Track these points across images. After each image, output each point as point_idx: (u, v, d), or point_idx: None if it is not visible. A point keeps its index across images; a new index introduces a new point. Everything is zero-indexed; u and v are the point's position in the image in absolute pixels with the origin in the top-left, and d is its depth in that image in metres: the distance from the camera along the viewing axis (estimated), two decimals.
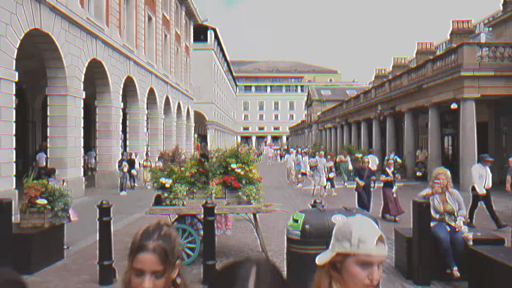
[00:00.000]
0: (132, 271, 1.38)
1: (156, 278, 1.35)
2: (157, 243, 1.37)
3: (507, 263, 4.44)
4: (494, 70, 15.42)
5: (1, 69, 10.80)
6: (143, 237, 1.39)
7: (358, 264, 1.37)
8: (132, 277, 1.38)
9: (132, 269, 1.38)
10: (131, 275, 1.38)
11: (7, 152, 11.17)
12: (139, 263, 1.36)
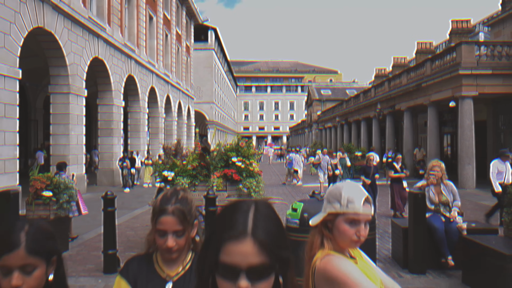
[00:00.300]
0: (156, 233, 1.55)
1: (177, 237, 1.53)
2: (175, 206, 1.54)
3: (499, 250, 4.59)
4: (492, 69, 15.57)
5: (5, 67, 10.97)
6: (162, 202, 1.56)
7: (347, 222, 1.54)
8: (156, 237, 1.56)
9: (156, 231, 1.55)
10: (155, 236, 1.56)
11: (11, 148, 11.34)
12: (161, 225, 1.53)
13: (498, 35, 19.62)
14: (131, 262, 1.63)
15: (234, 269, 0.91)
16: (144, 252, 1.63)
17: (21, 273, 1.21)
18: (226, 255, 0.92)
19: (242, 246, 0.91)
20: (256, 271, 0.91)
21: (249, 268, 0.91)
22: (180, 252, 1.56)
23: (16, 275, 1.20)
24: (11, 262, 1.20)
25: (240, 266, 0.91)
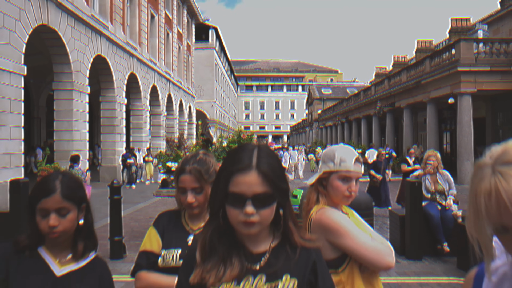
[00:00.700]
0: (178, 191, 1.79)
1: (196, 194, 1.75)
2: (193, 166, 1.76)
3: None
4: (490, 65, 15.75)
5: (10, 63, 11.17)
6: (183, 163, 1.80)
7: (340, 179, 1.73)
8: (179, 195, 1.79)
9: (178, 189, 1.78)
10: (179, 194, 1.80)
11: (17, 143, 11.53)
12: (181, 183, 1.77)
13: (496, 32, 19.78)
14: (162, 215, 1.86)
15: (241, 197, 1.09)
16: (175, 209, 1.87)
17: (57, 215, 1.40)
18: (234, 186, 1.10)
19: (248, 177, 1.10)
20: (260, 199, 1.09)
21: (254, 196, 1.09)
22: (200, 208, 1.77)
23: (53, 216, 1.39)
24: (48, 206, 1.39)
25: (246, 195, 1.09)
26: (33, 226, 1.43)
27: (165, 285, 1.66)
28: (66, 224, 1.42)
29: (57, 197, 1.40)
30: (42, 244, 1.47)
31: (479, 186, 0.80)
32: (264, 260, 1.15)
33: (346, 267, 1.68)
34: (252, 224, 1.10)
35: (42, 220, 1.40)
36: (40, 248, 1.47)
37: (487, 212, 0.79)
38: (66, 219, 1.42)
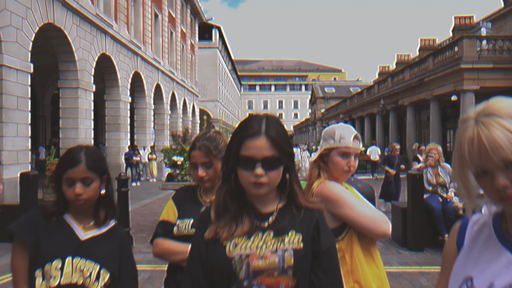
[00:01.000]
0: (190, 166, 1.95)
1: (206, 168, 1.89)
2: (203, 143, 1.90)
3: None
4: (493, 63, 15.78)
5: (17, 61, 11.32)
6: (194, 140, 1.96)
7: (339, 155, 1.84)
8: (192, 170, 1.96)
9: (190, 164, 1.94)
10: (191, 169, 1.96)
11: (23, 140, 11.70)
12: (192, 158, 1.92)
13: (499, 30, 19.79)
14: (180, 190, 2.04)
15: (251, 160, 1.20)
16: (193, 184, 2.05)
17: (82, 184, 1.52)
18: (245, 150, 1.21)
19: (258, 142, 1.21)
20: (269, 161, 1.20)
21: (263, 159, 1.20)
22: (211, 182, 1.91)
23: (78, 185, 1.51)
24: (74, 175, 1.52)
25: (256, 157, 1.20)
26: (60, 195, 1.56)
27: (177, 251, 1.81)
28: (90, 192, 1.54)
29: (82, 167, 1.52)
30: (67, 211, 1.61)
31: (463, 135, 0.91)
32: (272, 219, 1.26)
33: (346, 235, 1.78)
34: (261, 185, 1.21)
35: (68, 189, 1.52)
36: (66, 215, 1.60)
37: (470, 157, 0.89)
38: (90, 188, 1.54)
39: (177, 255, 1.81)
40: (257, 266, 1.19)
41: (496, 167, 0.87)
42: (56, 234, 1.54)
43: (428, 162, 6.08)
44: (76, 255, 1.52)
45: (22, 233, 1.52)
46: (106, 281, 1.53)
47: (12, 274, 1.54)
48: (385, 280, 1.82)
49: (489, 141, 0.86)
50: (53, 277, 1.48)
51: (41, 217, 1.57)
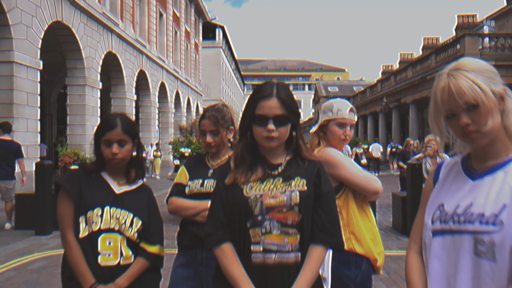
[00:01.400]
0: (200, 133, 2.20)
1: (214, 136, 2.15)
2: (212, 113, 2.16)
3: None
4: (495, 60, 15.90)
5: (27, 58, 11.61)
6: (204, 110, 2.21)
7: (337, 125, 2.08)
8: (201, 137, 2.20)
9: (200, 131, 2.20)
10: (200, 136, 2.21)
11: (33, 135, 11.99)
12: (202, 126, 2.18)
13: (502, 27, 19.93)
14: (191, 157, 2.31)
15: (264, 118, 1.44)
16: (201, 153, 2.32)
17: (118, 145, 1.76)
18: (259, 109, 1.45)
19: (270, 102, 1.44)
20: (279, 119, 1.44)
21: (274, 117, 1.44)
22: (217, 148, 2.16)
23: (115, 146, 1.75)
24: (111, 137, 1.76)
25: (269, 115, 1.44)
26: (98, 155, 1.81)
27: (188, 207, 2.08)
28: (124, 153, 1.78)
29: (118, 130, 1.77)
30: (104, 169, 1.84)
31: (437, 86, 1.15)
32: (281, 168, 1.50)
33: (342, 194, 2.02)
34: (273, 139, 1.45)
35: (106, 149, 1.76)
36: (103, 172, 1.85)
37: (441, 102, 1.13)
38: (124, 149, 1.78)
39: (189, 210, 2.07)
40: (269, 203, 1.42)
41: (461, 109, 1.10)
42: (95, 187, 1.79)
43: (427, 152, 6.29)
44: (113, 205, 1.76)
45: (67, 185, 1.76)
46: (138, 227, 1.77)
47: (59, 220, 1.78)
48: (377, 233, 2.05)
49: (456, 88, 1.10)
50: (94, 223, 1.73)
51: (83, 173, 1.82)
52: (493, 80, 1.14)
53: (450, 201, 1.18)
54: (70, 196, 1.76)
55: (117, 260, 1.73)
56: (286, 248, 1.41)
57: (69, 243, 1.73)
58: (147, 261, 1.78)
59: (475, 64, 1.15)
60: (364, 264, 1.96)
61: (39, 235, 6.25)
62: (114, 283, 1.70)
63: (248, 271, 1.41)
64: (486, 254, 1.07)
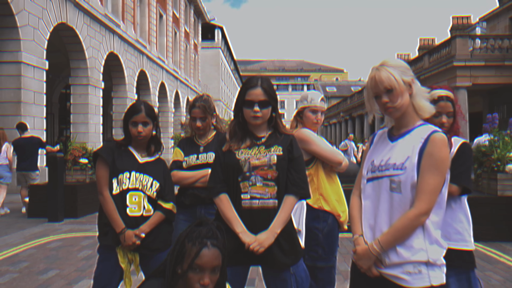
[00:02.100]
0: (190, 119, 2.74)
1: (202, 121, 2.71)
2: (200, 103, 2.71)
3: None
4: (485, 60, 16.48)
5: (34, 58, 12.11)
6: (194, 100, 2.75)
7: (310, 111, 2.61)
8: (191, 122, 2.74)
9: (190, 118, 2.73)
10: (191, 122, 2.73)
11: (39, 132, 12.46)
12: (193, 114, 2.73)
13: (493, 29, 20.48)
14: (182, 140, 2.86)
15: (251, 102, 1.96)
16: (189, 135, 2.84)
17: (142, 125, 2.27)
18: (248, 96, 1.97)
19: (256, 91, 1.96)
20: (262, 103, 1.96)
21: (259, 101, 1.96)
22: (204, 131, 2.75)
23: (140, 126, 2.29)
24: (137, 119, 2.29)
25: (255, 100, 1.96)
26: (126, 133, 2.32)
27: (188, 176, 2.67)
28: (147, 131, 2.31)
29: (142, 114, 2.29)
30: (130, 144, 2.36)
31: (369, 76, 1.67)
32: (264, 139, 2.02)
33: (314, 165, 2.56)
34: (258, 118, 1.97)
35: (133, 128, 2.29)
36: (129, 146, 2.37)
37: (370, 87, 1.65)
38: (147, 128, 2.30)
39: (190, 179, 2.67)
40: (254, 163, 1.94)
41: (382, 92, 1.62)
42: (124, 157, 2.31)
43: None
44: (137, 171, 2.29)
45: (104, 155, 2.29)
46: (157, 188, 2.30)
47: (97, 181, 2.30)
48: (342, 195, 2.58)
49: (378, 78, 1.62)
50: (124, 183, 2.25)
51: (115, 147, 2.34)
52: (404, 73, 1.64)
53: (377, 157, 1.70)
54: (106, 163, 2.29)
55: (140, 212, 2.26)
56: (266, 196, 1.93)
57: (105, 198, 2.25)
58: (163, 215, 2.30)
59: (393, 62, 1.66)
60: (330, 219, 2.49)
61: (52, 222, 6.76)
62: (139, 228, 2.22)
63: (239, 214, 1.93)
64: (396, 189, 1.59)
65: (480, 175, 5.97)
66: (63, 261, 4.57)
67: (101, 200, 2.31)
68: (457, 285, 2.14)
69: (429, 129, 1.62)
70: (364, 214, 1.71)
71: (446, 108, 2.16)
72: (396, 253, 1.58)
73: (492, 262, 4.59)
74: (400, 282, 1.57)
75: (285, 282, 2.02)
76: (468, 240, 2.18)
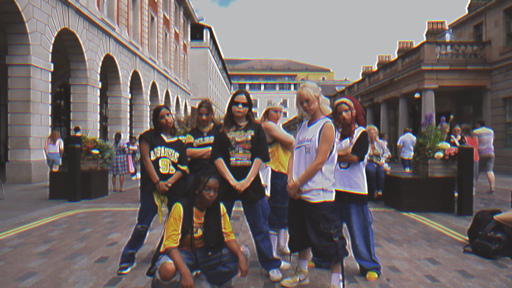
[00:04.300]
0: (198, 114, 4.16)
1: (207, 116, 4.24)
2: (206, 104, 4.26)
3: (399, 176, 7.18)
4: (450, 65, 18.23)
5: (41, 61, 13.36)
6: (201, 102, 4.20)
7: (273, 110, 4.09)
8: (199, 116, 4.17)
9: (198, 114, 4.16)
10: (198, 116, 4.16)
11: (46, 129, 13.74)
12: (200, 110, 4.25)
13: (460, 35, 22.30)
14: (192, 130, 4.33)
15: (238, 102, 3.45)
16: (195, 127, 4.26)
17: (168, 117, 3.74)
18: (236, 99, 3.46)
19: (240, 96, 3.46)
20: (244, 103, 3.45)
21: (242, 103, 3.45)
22: (208, 122, 4.21)
23: (167, 117, 3.73)
24: (164, 114, 3.76)
25: (239, 102, 3.44)
26: (156, 124, 3.77)
27: (197, 152, 4.20)
28: (171, 121, 3.75)
29: (166, 110, 3.74)
30: (161, 132, 3.81)
31: (297, 92, 3.17)
32: (242, 127, 3.50)
33: (275, 144, 4.03)
34: (240, 112, 3.45)
35: (162, 120, 3.73)
36: (160, 133, 3.81)
37: (298, 98, 3.16)
38: (171, 118, 3.75)
39: (198, 153, 4.20)
40: (237, 140, 3.43)
41: (303, 101, 3.13)
42: (157, 139, 3.77)
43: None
44: (165, 146, 3.74)
45: (146, 136, 3.73)
46: (177, 156, 3.76)
47: (142, 152, 3.74)
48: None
49: (301, 93, 3.12)
50: (158, 153, 3.71)
51: (152, 132, 3.79)
52: (315, 90, 3.14)
53: (300, 135, 3.20)
54: (147, 141, 3.73)
55: (167, 171, 3.73)
56: (245, 158, 3.42)
57: (148, 162, 3.71)
58: (181, 173, 3.77)
59: (310, 84, 3.15)
60: (285, 177, 3.98)
61: (72, 201, 8.14)
62: (167, 181, 3.69)
63: (229, 169, 3.41)
64: (308, 152, 3.09)
65: (417, 161, 7.55)
66: (93, 224, 5.99)
67: (145, 164, 3.76)
68: (356, 213, 3.65)
69: (324, 120, 3.12)
70: (293, 166, 3.21)
71: (342, 108, 3.65)
72: (308, 185, 3.08)
73: (417, 224, 6.16)
74: (309, 200, 3.08)
75: (255, 210, 3.51)
76: (362, 188, 3.68)
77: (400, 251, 4.58)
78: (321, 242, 3.10)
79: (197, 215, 3.11)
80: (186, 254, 3.06)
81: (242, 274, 3.06)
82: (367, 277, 3.63)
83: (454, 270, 3.88)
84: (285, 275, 3.62)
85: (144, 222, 3.79)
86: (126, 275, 3.68)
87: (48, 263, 4.03)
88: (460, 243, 4.94)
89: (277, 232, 4.15)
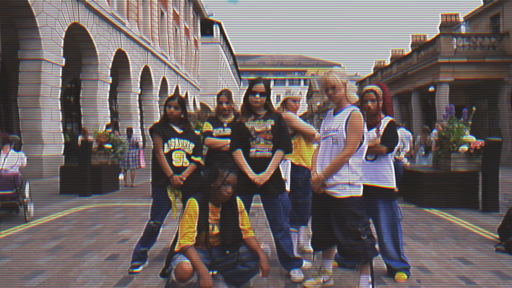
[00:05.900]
0: (219, 104, 4.00)
1: (227, 104, 4.03)
2: (226, 93, 4.06)
3: (419, 171, 6.88)
4: (467, 57, 17.72)
5: (53, 56, 13.26)
6: (220, 92, 3.96)
7: (292, 100, 3.84)
8: (220, 106, 4.00)
9: (218, 103, 3.98)
10: (219, 106, 3.96)
11: (56, 123, 13.65)
12: (220, 100, 4.05)
13: (476, 27, 21.71)
14: (209, 118, 4.09)
15: (255, 92, 3.20)
16: (214, 115, 4.02)
17: (174, 108, 3.50)
18: (254, 88, 3.21)
19: (259, 85, 3.21)
20: (261, 93, 3.20)
21: (260, 92, 3.19)
22: (229, 111, 3.97)
23: (172, 108, 3.50)
24: (172, 104, 3.52)
25: (257, 91, 3.19)
26: (165, 114, 3.54)
27: (217, 142, 3.95)
28: (177, 113, 3.53)
29: (176, 101, 3.52)
30: (170, 122, 3.58)
31: (322, 78, 2.91)
32: (262, 116, 3.25)
33: (297, 136, 3.78)
34: (258, 102, 3.20)
35: (169, 109, 3.51)
36: (169, 123, 3.58)
37: (323, 84, 2.90)
38: (179, 110, 3.52)
39: (219, 144, 3.93)
40: (258, 130, 3.18)
41: (329, 88, 2.87)
42: (169, 130, 3.54)
43: None
44: (178, 138, 3.52)
45: (157, 129, 3.51)
46: (192, 147, 3.53)
47: (155, 145, 3.52)
48: None
49: (326, 80, 2.86)
50: (172, 145, 3.49)
51: (162, 124, 3.56)
52: (342, 76, 2.87)
53: (326, 125, 2.94)
54: (160, 134, 3.51)
55: (181, 163, 3.50)
56: (265, 149, 3.18)
57: (161, 155, 3.49)
58: (195, 165, 3.55)
59: (337, 70, 2.89)
60: (306, 171, 3.73)
61: (82, 196, 8.00)
62: (181, 174, 3.46)
63: (248, 161, 3.17)
64: (335, 142, 2.83)
65: (439, 155, 7.23)
66: (104, 219, 5.82)
67: (157, 157, 3.54)
68: (384, 209, 3.39)
69: (351, 109, 2.86)
70: (318, 158, 2.96)
71: (369, 97, 3.38)
72: (333, 178, 2.83)
73: (441, 220, 5.86)
74: (335, 195, 2.83)
75: (275, 205, 3.26)
76: (391, 182, 3.42)
77: (427, 249, 4.31)
78: (348, 240, 2.84)
79: (212, 211, 2.89)
80: (201, 253, 2.83)
81: (264, 274, 2.83)
82: (395, 278, 3.37)
83: (489, 271, 3.60)
84: (307, 276, 3.38)
85: (157, 218, 3.58)
86: (138, 274, 3.48)
87: (56, 260, 3.86)
88: (490, 242, 4.64)
89: (297, 229, 3.90)
